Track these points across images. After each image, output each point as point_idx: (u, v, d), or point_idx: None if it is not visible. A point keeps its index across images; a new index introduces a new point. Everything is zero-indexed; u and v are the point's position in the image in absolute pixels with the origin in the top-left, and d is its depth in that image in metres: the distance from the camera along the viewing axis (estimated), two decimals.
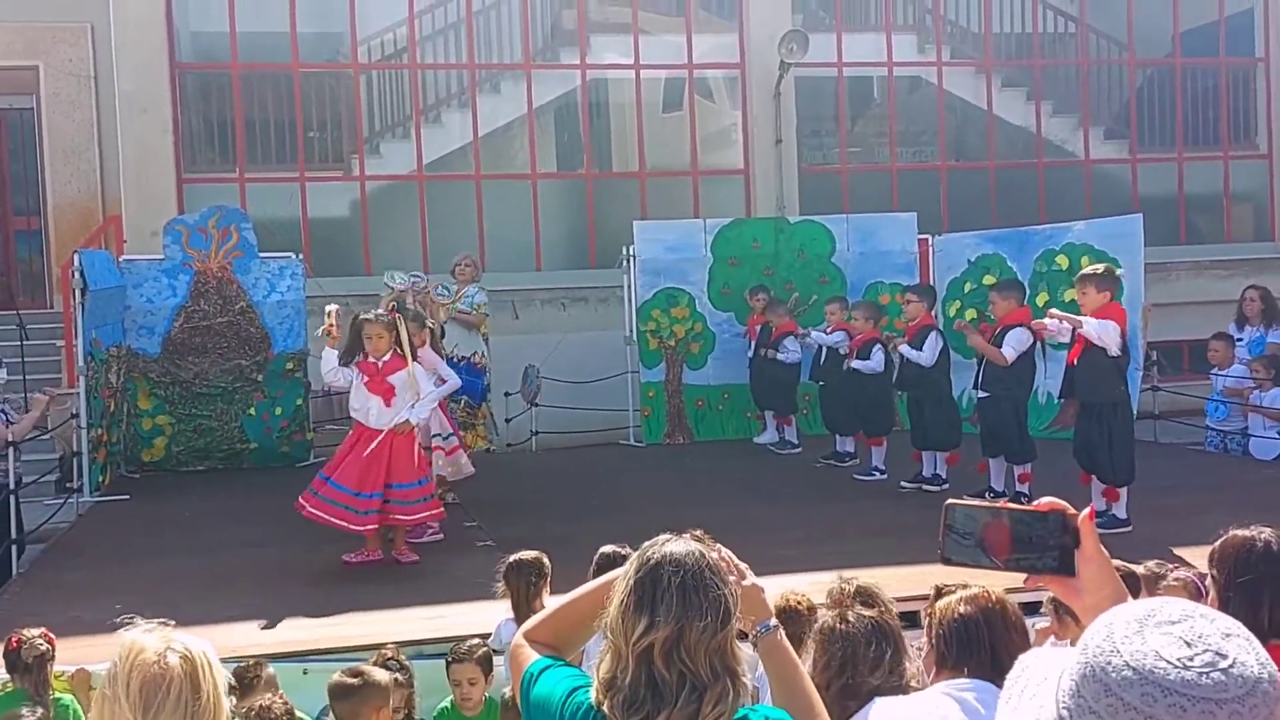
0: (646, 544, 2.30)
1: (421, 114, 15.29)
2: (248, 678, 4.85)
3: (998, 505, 1.86)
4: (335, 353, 7.94)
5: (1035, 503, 1.86)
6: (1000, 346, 9.19)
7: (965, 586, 2.99)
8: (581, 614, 2.46)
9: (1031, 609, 5.61)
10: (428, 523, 8.33)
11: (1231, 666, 1.24)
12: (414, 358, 7.90)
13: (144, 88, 14.17)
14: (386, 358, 7.87)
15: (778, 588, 3.81)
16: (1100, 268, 8.65)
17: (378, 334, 7.83)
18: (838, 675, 2.84)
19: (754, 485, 10.63)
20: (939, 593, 3.35)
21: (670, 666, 2.17)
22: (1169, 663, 1.25)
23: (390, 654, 5.13)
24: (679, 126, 15.93)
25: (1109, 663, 1.27)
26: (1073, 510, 1.86)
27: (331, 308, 8.03)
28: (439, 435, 8.91)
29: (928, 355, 9.88)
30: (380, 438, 7.79)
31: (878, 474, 10.66)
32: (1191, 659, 1.25)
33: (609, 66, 15.85)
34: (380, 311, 8.28)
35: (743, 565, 2.47)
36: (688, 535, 2.33)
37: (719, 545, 2.41)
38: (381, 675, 4.58)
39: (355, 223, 15.09)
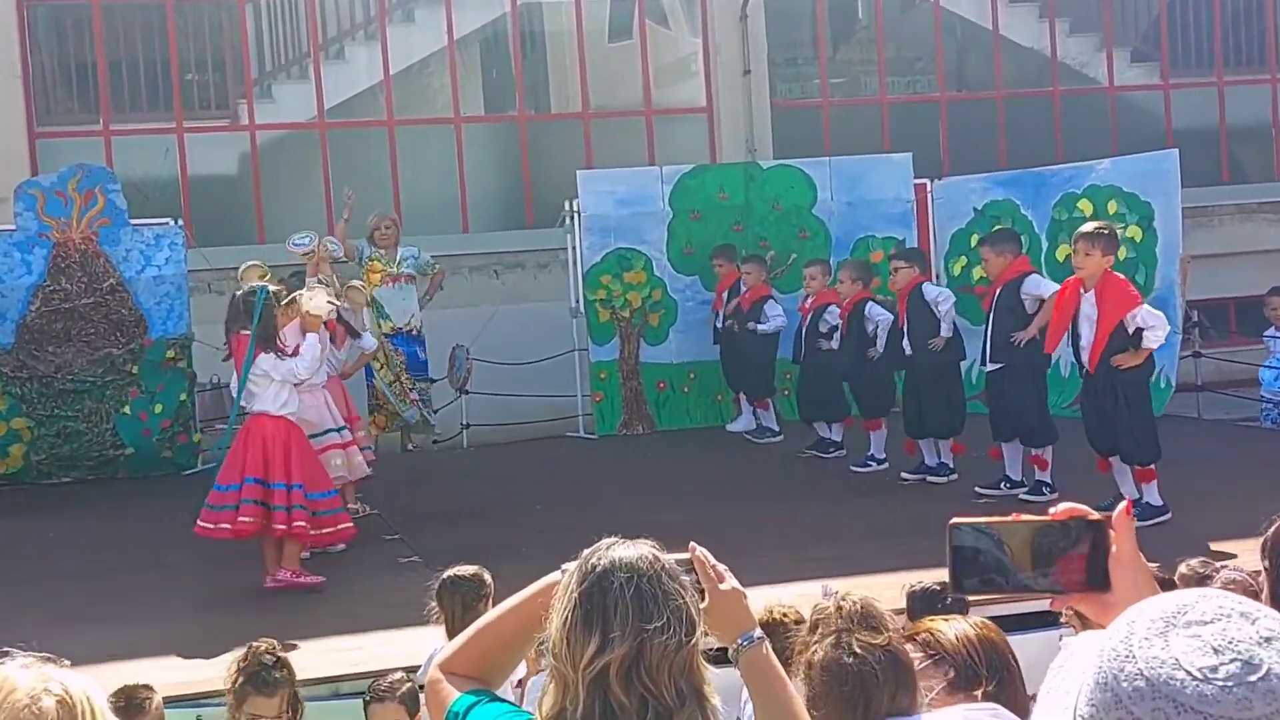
0: (588, 551, 2.30)
1: (321, 49, 15.16)
2: (137, 699, 4.80)
3: (1009, 519, 1.87)
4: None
5: (1052, 510, 1.87)
6: (1017, 308, 9.25)
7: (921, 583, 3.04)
8: (508, 634, 2.44)
9: (1044, 620, 5.66)
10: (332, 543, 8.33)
11: (1263, 679, 1.23)
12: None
13: None
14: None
15: (759, 599, 3.81)
16: (1105, 226, 8.76)
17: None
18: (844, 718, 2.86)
19: (728, 481, 10.64)
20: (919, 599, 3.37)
21: (629, 691, 2.17)
22: (1188, 673, 1.23)
23: (264, 647, 5.05)
24: (628, 58, 15.87)
25: (1122, 669, 1.26)
26: (1097, 514, 1.86)
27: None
28: (333, 430, 8.85)
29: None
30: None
31: (875, 464, 10.70)
32: (1215, 669, 1.23)
33: None
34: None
35: (721, 567, 2.47)
36: (642, 541, 2.33)
37: (695, 544, 2.43)
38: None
39: (245, 181, 14.96)
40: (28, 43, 14.31)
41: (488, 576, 5.42)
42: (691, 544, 2.43)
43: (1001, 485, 9.41)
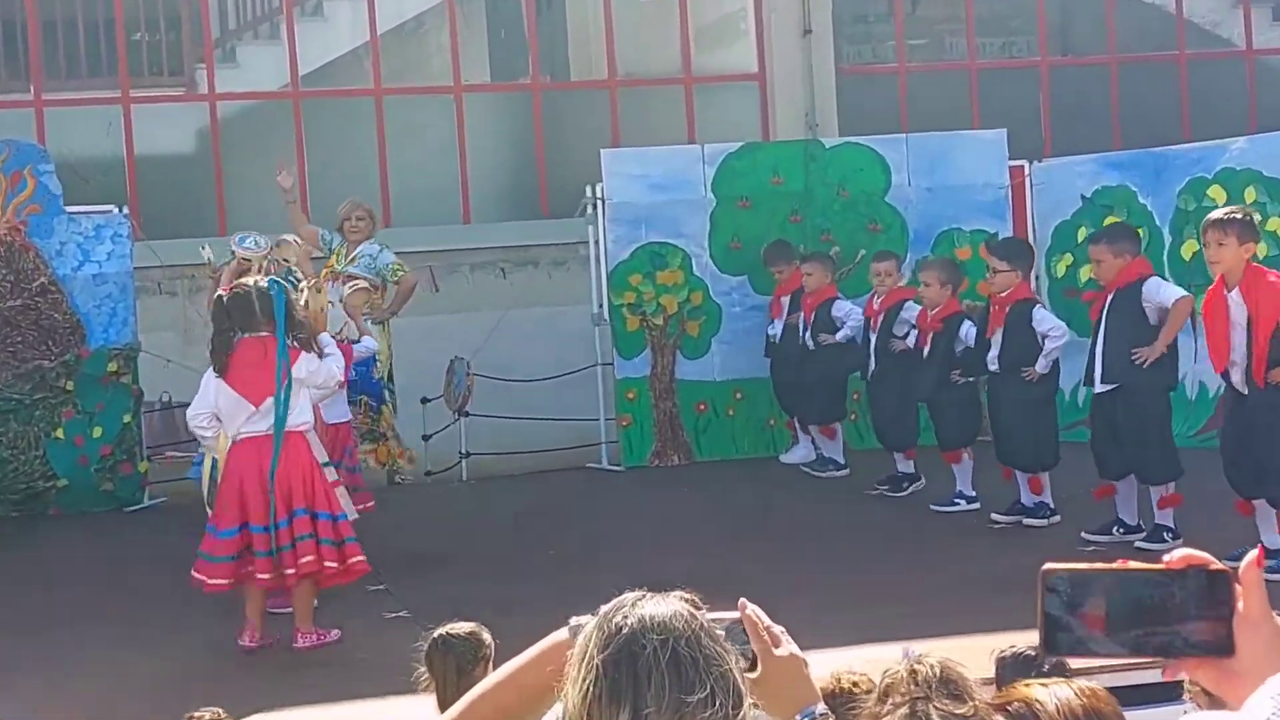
0: (608, 609, 2.30)
1: (296, 4, 15.23)
2: None
3: (1113, 567, 1.85)
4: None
5: (1166, 558, 1.85)
6: (1137, 318, 9.21)
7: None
8: (510, 705, 2.45)
9: (1166, 692, 5.59)
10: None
11: None
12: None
13: None
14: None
15: (822, 666, 3.78)
16: (1239, 209, 8.69)
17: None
18: None
19: (782, 523, 10.63)
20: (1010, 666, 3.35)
21: None
22: None
23: (209, 717, 5.07)
24: (664, 14, 15.88)
25: None
26: (1220, 564, 1.84)
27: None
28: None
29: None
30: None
31: (963, 503, 10.65)
32: None
33: None
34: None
35: (776, 629, 2.47)
36: (674, 595, 2.33)
37: (744, 600, 2.43)
38: None
39: (203, 161, 15.02)
40: None
41: (487, 636, 5.41)
42: (741, 601, 2.43)
43: (1114, 530, 9.37)
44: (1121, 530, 9.35)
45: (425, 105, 15.52)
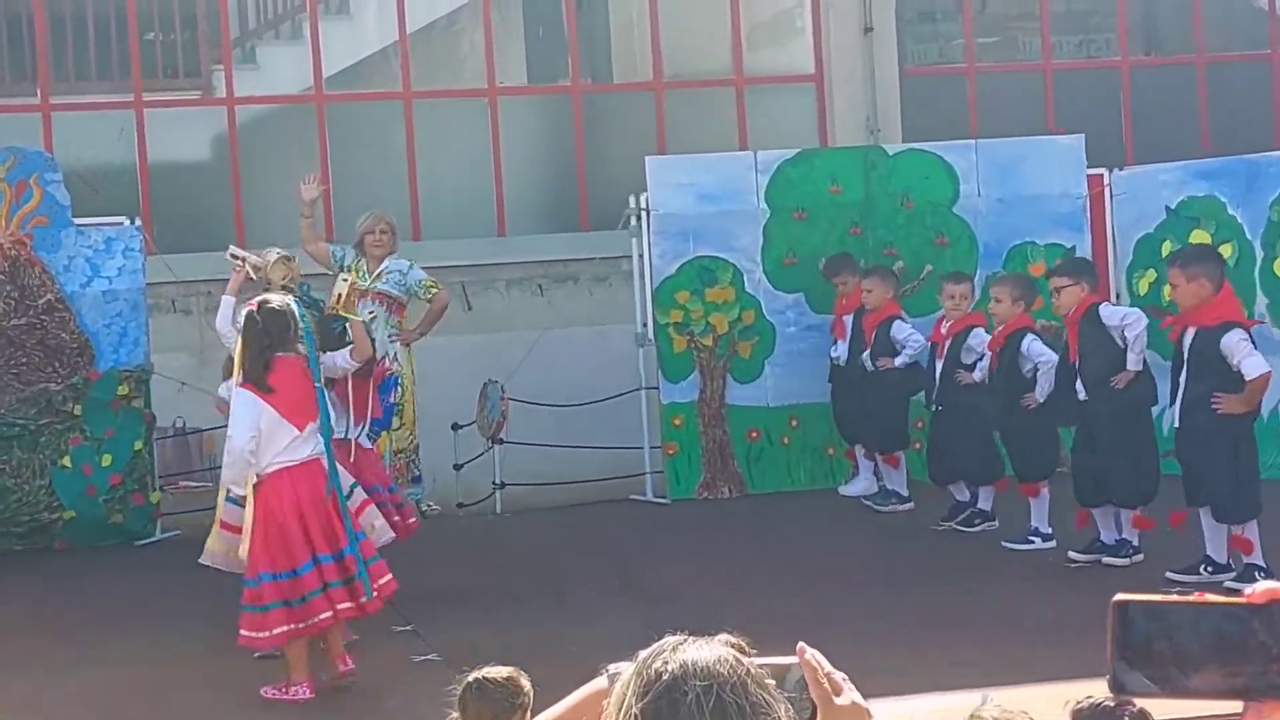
0: (647, 654, 2.30)
1: (320, 2, 15.28)
2: None
3: (1191, 599, 1.86)
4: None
5: (1248, 591, 1.85)
6: (1217, 363, 9.16)
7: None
8: None
9: None
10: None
11: None
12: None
13: None
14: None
15: (888, 715, 3.77)
16: None
17: None
18: None
19: (842, 560, 10.60)
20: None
21: None
22: None
23: None
24: (715, 11, 15.89)
25: None
26: None
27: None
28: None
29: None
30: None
31: (1038, 540, 10.60)
32: None
33: None
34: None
35: (837, 675, 2.45)
36: (719, 639, 2.33)
37: (803, 644, 2.42)
38: None
39: (221, 169, 15.07)
40: None
41: (525, 682, 5.40)
42: (800, 645, 2.41)
43: (1202, 570, 9.30)
44: (1210, 569, 9.29)
45: (457, 109, 15.54)
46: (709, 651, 2.27)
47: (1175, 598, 1.86)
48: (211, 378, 11.05)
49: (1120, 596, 1.86)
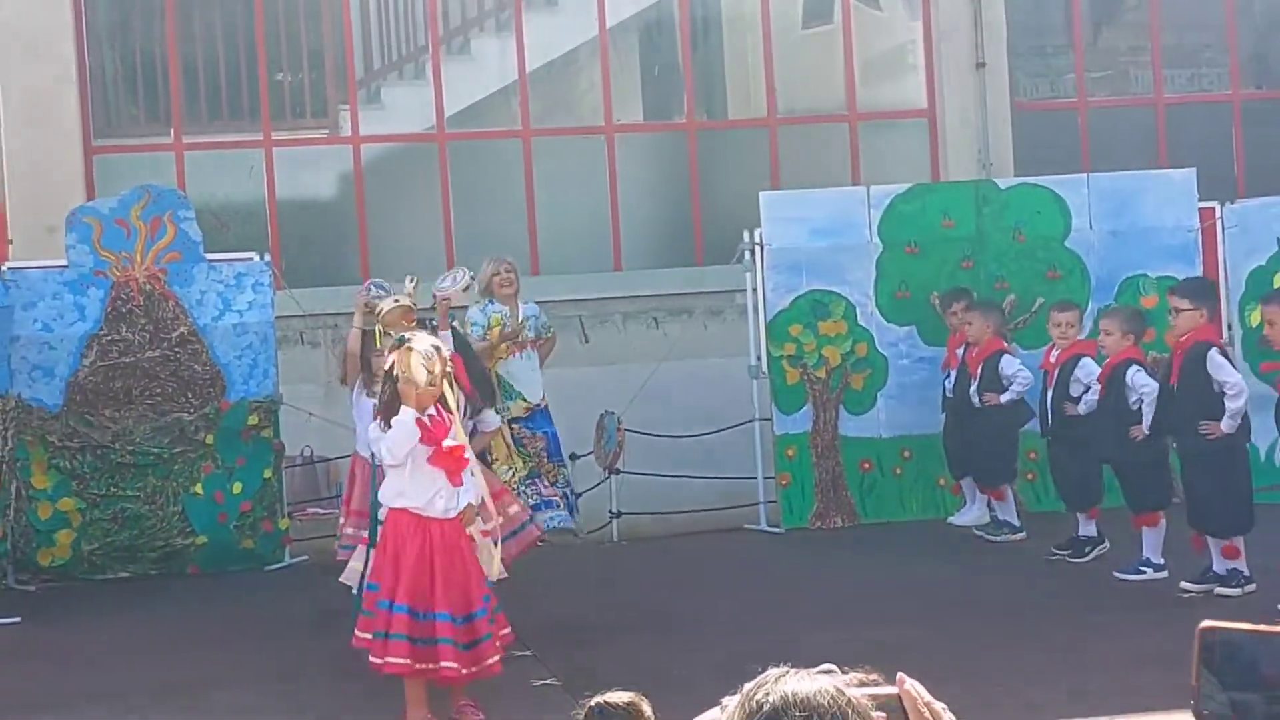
0: (750, 686, 2.29)
1: (442, 43, 15.46)
2: None
3: (1278, 630, 1.86)
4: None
5: None
6: None
7: None
8: None
9: None
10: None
11: None
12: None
13: (33, 18, 14.39)
14: (432, 409, 7.74)
15: None
16: None
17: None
18: None
19: (951, 590, 10.54)
20: None
21: None
22: None
23: None
24: (827, 48, 15.91)
25: None
26: None
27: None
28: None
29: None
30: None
31: (1150, 570, 10.52)
32: None
33: None
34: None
35: (938, 705, 2.41)
36: (821, 669, 2.31)
37: (903, 675, 2.38)
38: None
39: (346, 206, 15.27)
40: (84, 39, 14.73)
41: (647, 708, 5.39)
42: (900, 675, 2.38)
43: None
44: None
45: (575, 147, 15.63)
46: (810, 684, 2.24)
47: (1265, 628, 1.85)
48: (338, 408, 11.24)
49: (1207, 623, 1.87)
